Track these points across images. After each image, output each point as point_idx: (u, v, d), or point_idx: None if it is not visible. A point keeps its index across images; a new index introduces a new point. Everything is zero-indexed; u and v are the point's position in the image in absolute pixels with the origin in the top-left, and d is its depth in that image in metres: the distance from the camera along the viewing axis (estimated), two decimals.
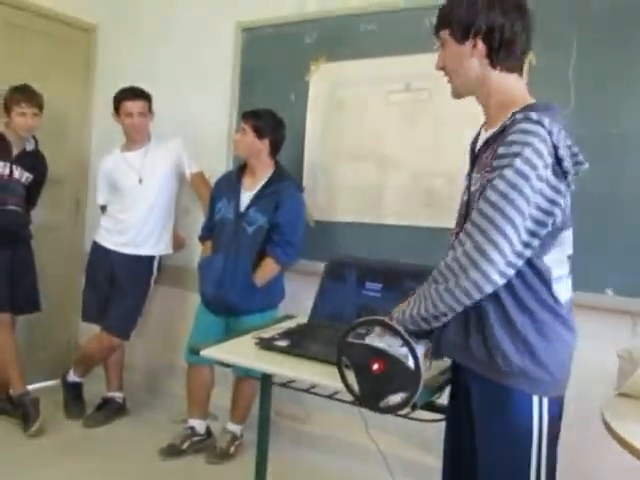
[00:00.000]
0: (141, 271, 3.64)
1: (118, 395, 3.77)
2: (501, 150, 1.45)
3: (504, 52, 1.58)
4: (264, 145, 3.18)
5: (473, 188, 1.60)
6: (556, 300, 1.54)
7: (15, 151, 3.54)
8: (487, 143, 1.60)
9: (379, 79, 3.18)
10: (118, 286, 3.61)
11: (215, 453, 3.27)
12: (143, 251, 3.62)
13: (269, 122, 3.18)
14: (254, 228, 3.13)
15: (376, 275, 2.30)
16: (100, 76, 4.40)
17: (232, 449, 3.30)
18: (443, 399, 1.88)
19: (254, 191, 3.19)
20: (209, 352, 2.06)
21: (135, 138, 3.61)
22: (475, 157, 1.68)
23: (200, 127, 3.84)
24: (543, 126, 1.43)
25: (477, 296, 1.45)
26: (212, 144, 3.78)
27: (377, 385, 1.57)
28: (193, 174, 3.69)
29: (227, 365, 2.23)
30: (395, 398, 1.56)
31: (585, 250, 2.58)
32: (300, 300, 2.99)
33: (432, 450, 2.98)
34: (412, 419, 1.71)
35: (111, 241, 3.63)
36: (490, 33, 1.56)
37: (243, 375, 3.16)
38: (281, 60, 3.53)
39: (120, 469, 3.09)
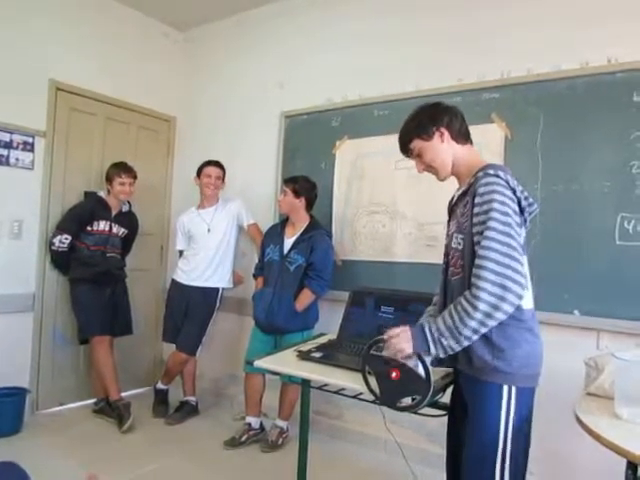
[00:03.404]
0: (207, 300, 3.62)
1: (192, 399, 3.74)
2: (477, 200, 1.51)
3: (464, 131, 1.72)
4: (301, 202, 3.20)
5: (450, 232, 1.70)
6: (519, 309, 1.51)
7: (114, 212, 3.61)
8: (459, 199, 1.67)
9: (389, 151, 3.16)
10: (188, 313, 3.61)
11: (267, 444, 3.21)
12: (209, 284, 3.61)
13: (304, 185, 3.20)
14: (295, 266, 3.13)
15: (389, 301, 2.29)
16: (177, 155, 4.49)
17: (280, 440, 3.25)
18: (444, 398, 1.84)
19: (294, 238, 3.20)
20: (261, 363, 2.06)
21: (208, 196, 3.64)
22: (451, 211, 1.76)
23: (254, 190, 3.89)
24: (499, 177, 1.51)
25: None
26: (263, 203, 3.82)
27: (395, 389, 1.56)
28: (250, 225, 3.74)
29: (275, 373, 2.21)
30: (409, 400, 1.55)
31: (556, 281, 2.57)
32: (331, 321, 2.96)
33: (436, 440, 2.91)
34: (420, 414, 1.68)
35: (185, 278, 3.64)
36: (451, 122, 1.68)
37: (287, 381, 3.14)
38: (314, 138, 3.57)
39: (193, 457, 3.06)
